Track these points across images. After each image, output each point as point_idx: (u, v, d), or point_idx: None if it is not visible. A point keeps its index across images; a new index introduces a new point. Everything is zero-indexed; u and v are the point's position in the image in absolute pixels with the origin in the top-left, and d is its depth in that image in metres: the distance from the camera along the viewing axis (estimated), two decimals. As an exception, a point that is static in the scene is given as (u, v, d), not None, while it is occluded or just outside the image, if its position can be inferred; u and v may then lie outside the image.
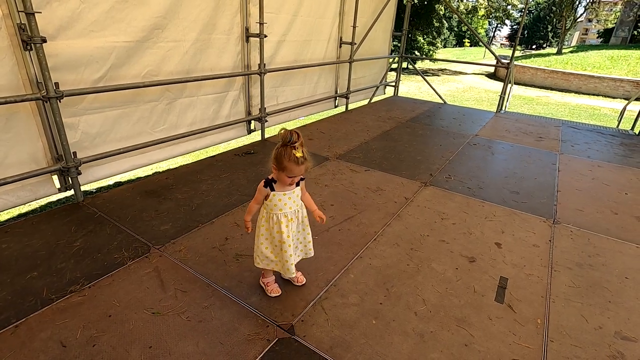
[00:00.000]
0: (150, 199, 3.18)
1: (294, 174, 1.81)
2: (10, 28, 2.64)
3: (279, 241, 1.96)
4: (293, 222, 1.98)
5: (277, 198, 1.91)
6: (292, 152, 1.74)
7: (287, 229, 1.94)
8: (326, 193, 3.43)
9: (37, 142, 2.98)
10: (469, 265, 2.51)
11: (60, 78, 2.94)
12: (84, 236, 2.62)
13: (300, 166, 1.78)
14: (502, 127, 6.18)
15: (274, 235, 1.96)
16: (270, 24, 4.81)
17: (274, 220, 1.93)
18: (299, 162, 1.76)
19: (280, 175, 1.84)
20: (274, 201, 1.91)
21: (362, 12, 6.63)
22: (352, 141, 4.96)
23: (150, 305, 2.03)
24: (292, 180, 1.85)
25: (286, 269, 2.02)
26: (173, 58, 3.84)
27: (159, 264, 2.37)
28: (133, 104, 3.62)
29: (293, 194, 1.94)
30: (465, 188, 3.69)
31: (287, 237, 1.95)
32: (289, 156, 1.76)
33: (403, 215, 3.11)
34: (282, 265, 2.03)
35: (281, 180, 1.86)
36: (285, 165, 1.78)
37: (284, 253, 1.98)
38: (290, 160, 1.76)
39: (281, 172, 1.82)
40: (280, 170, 1.81)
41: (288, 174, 1.81)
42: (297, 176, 1.83)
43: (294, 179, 1.85)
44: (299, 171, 1.80)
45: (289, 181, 1.84)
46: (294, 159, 1.75)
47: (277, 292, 2.12)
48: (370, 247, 2.64)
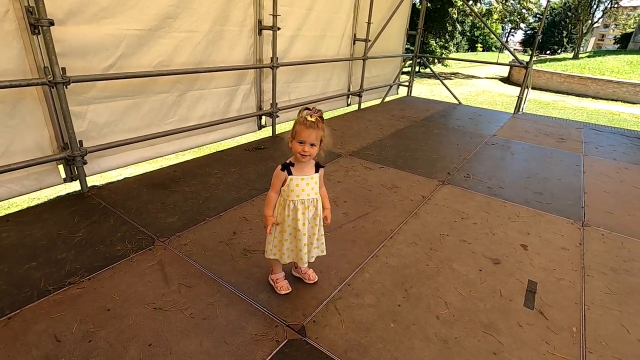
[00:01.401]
0: (157, 192, 3.07)
1: (302, 138, 1.66)
2: (19, 11, 2.57)
3: (294, 229, 1.83)
4: (309, 211, 1.84)
5: (295, 183, 1.77)
6: (303, 114, 1.66)
7: (303, 217, 1.81)
8: (339, 189, 3.28)
9: (43, 129, 2.90)
10: (494, 267, 2.33)
11: (68, 65, 2.86)
12: (87, 227, 2.51)
13: (308, 130, 1.65)
14: (521, 127, 5.96)
15: (289, 224, 1.82)
16: (284, 17, 4.70)
17: (290, 208, 1.80)
18: (307, 125, 1.65)
19: (293, 144, 1.71)
20: (291, 186, 1.77)
21: (377, 10, 6.49)
22: (365, 139, 4.81)
23: (152, 299, 1.90)
24: (304, 150, 1.68)
25: (299, 258, 1.89)
26: (185, 49, 3.74)
27: (163, 257, 2.24)
28: (143, 95, 3.53)
29: (312, 180, 1.81)
30: (485, 187, 3.51)
31: (303, 225, 1.81)
32: (300, 118, 1.67)
33: (420, 213, 2.95)
34: (296, 254, 1.89)
35: (295, 153, 1.72)
36: (295, 129, 1.68)
37: (298, 242, 1.85)
38: (300, 123, 1.66)
39: (293, 142, 1.71)
40: (292, 136, 1.71)
41: (297, 138, 1.69)
42: (306, 143, 1.68)
43: (305, 148, 1.68)
44: (307, 135, 1.66)
45: (299, 149, 1.69)
46: (302, 121, 1.65)
47: (286, 289, 1.98)
48: (387, 246, 2.48)
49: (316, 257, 1.99)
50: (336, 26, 5.79)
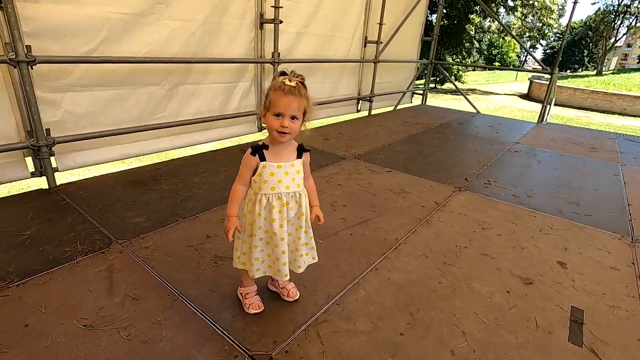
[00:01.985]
0: (132, 189, 2.71)
1: (280, 109, 1.28)
2: (-17, -17, 2.31)
3: (268, 232, 1.41)
4: (290, 210, 1.42)
5: (269, 171, 1.36)
6: (281, 79, 1.27)
7: (280, 217, 1.39)
8: (338, 193, 2.85)
9: (8, 117, 2.60)
10: (525, 288, 1.84)
11: (41, 47, 2.59)
12: (39, 225, 2.16)
13: (288, 97, 1.26)
14: (547, 136, 5.43)
15: (260, 225, 1.40)
16: (289, 13, 4.41)
17: (262, 204, 1.38)
18: (285, 91, 1.26)
19: (267, 117, 1.32)
20: (264, 175, 1.36)
21: (390, 12, 6.17)
22: (373, 143, 4.39)
23: (86, 314, 1.50)
24: (282, 125, 1.29)
25: (276, 270, 1.46)
26: (178, 39, 3.46)
27: (116, 262, 1.85)
28: (129, 86, 3.23)
29: (292, 168, 1.40)
30: (510, 195, 3.02)
31: (280, 226, 1.40)
32: (276, 83, 1.28)
33: (433, 221, 2.49)
34: (272, 266, 1.47)
35: (270, 130, 1.32)
36: (270, 97, 1.29)
37: (274, 248, 1.42)
38: (276, 89, 1.27)
39: (267, 114, 1.31)
40: (265, 108, 1.32)
41: (272, 110, 1.29)
42: (285, 115, 1.28)
43: (284, 122, 1.28)
44: (287, 104, 1.27)
45: (276, 124, 1.29)
46: (279, 86, 1.27)
47: (256, 308, 1.55)
48: (390, 258, 2.03)
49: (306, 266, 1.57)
50: (346, 26, 5.48)
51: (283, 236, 1.41)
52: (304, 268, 1.54)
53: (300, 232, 1.48)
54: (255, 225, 1.40)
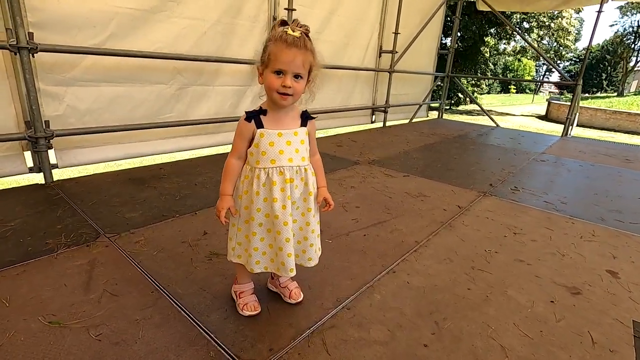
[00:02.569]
0: (131, 186, 2.55)
1: (281, 65, 1.07)
2: (-10, -31, 2.27)
3: (268, 215, 1.19)
4: (295, 188, 1.19)
5: (267, 140, 1.15)
6: (282, 28, 1.07)
7: (283, 195, 1.17)
8: (351, 194, 2.62)
9: (8, 107, 2.50)
10: (572, 298, 1.55)
11: (46, 38, 2.52)
12: (26, 217, 1.99)
13: (290, 49, 1.06)
14: (574, 148, 5.11)
15: (259, 207, 1.18)
16: (302, 17, 4.27)
17: (261, 180, 1.16)
18: (288, 42, 1.05)
19: (266, 74, 1.11)
20: (262, 146, 1.15)
21: (406, 23, 6.08)
22: (389, 150, 4.17)
23: (55, 310, 1.29)
24: (284, 84, 1.08)
25: (280, 264, 1.22)
26: (188, 38, 3.38)
27: (100, 255, 1.65)
28: (137, 83, 3.13)
29: (295, 137, 1.18)
30: (542, 202, 2.73)
31: (283, 207, 1.17)
32: (276, 33, 1.07)
33: (456, 225, 2.22)
34: (275, 258, 1.23)
35: (270, 91, 1.11)
36: (269, 50, 1.08)
37: (277, 236, 1.19)
38: (277, 40, 1.07)
39: (266, 70, 1.11)
40: (264, 63, 1.11)
41: (272, 66, 1.08)
42: (288, 73, 1.08)
43: (286, 80, 1.07)
44: (289, 58, 1.06)
45: (276, 83, 1.08)
46: (280, 36, 1.06)
47: (252, 310, 1.30)
48: (409, 260, 1.77)
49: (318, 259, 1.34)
50: (361, 35, 5.39)
51: (286, 220, 1.18)
52: (316, 261, 1.31)
53: (308, 216, 1.25)
54: (253, 208, 1.18)
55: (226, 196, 1.21)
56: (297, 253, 1.28)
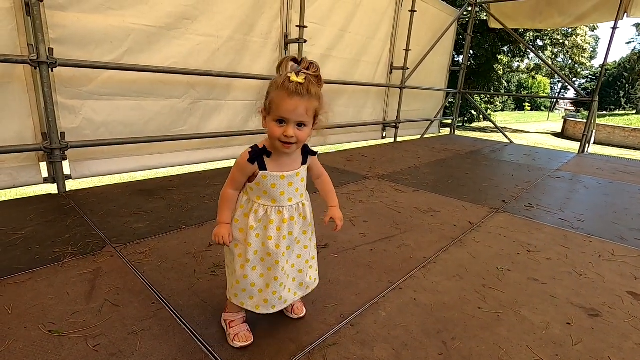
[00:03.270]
0: (140, 197, 2.57)
1: (284, 114, 1.02)
2: (16, -11, 2.39)
3: (257, 252, 1.16)
4: (294, 225, 1.17)
5: (270, 182, 1.12)
6: (286, 74, 1.01)
7: (279, 234, 1.15)
8: (360, 209, 2.59)
9: (27, 119, 2.59)
10: (590, 320, 1.46)
11: (66, 53, 2.62)
12: (37, 225, 2.03)
13: (292, 99, 1.00)
14: (591, 165, 4.97)
15: (251, 241, 1.14)
16: (315, 35, 4.42)
17: (257, 215, 1.14)
18: (289, 89, 0.99)
19: (268, 122, 1.07)
20: (263, 185, 1.13)
21: (418, 41, 6.14)
22: (399, 165, 4.14)
23: (56, 318, 1.28)
24: (286, 134, 1.04)
25: (266, 302, 1.19)
26: (202, 54, 3.47)
27: (105, 265, 1.65)
28: (151, 97, 3.21)
29: (297, 177, 1.16)
30: (557, 219, 2.63)
31: (276, 247, 1.14)
32: (279, 79, 1.01)
33: (467, 241, 2.15)
34: (265, 295, 1.19)
35: (272, 139, 1.08)
36: (272, 97, 1.03)
37: (267, 272, 1.17)
38: (279, 87, 1.00)
39: (268, 118, 1.07)
40: (267, 111, 1.07)
41: (274, 116, 1.04)
42: (290, 122, 1.04)
43: (288, 130, 1.03)
44: (292, 107, 1.01)
45: (278, 132, 1.05)
46: (283, 83, 1.00)
47: (244, 341, 1.21)
48: (417, 277, 1.71)
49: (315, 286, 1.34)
50: (372, 51, 5.45)
51: (278, 259, 1.16)
52: (311, 288, 1.32)
53: (307, 250, 1.25)
54: (250, 238, 1.14)
55: (225, 224, 1.16)
56: (295, 291, 1.26)
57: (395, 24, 5.70)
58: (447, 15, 6.88)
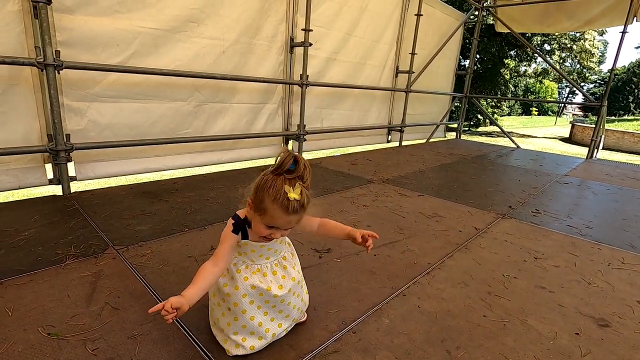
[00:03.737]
0: (143, 200, 2.57)
1: (276, 224, 1.04)
2: (24, -8, 2.41)
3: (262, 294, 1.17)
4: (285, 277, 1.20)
5: (250, 249, 1.15)
6: (283, 187, 0.99)
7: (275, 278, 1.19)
8: (363, 213, 2.57)
9: (33, 121, 2.61)
10: (600, 331, 1.42)
11: (72, 55, 2.64)
12: (40, 227, 2.03)
13: (289, 216, 1.01)
14: (599, 170, 4.90)
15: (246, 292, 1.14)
16: (320, 38, 4.42)
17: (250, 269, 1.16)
18: (288, 209, 1.00)
19: (255, 218, 1.07)
20: (245, 251, 1.16)
21: (424, 44, 6.13)
22: (404, 169, 4.11)
23: (55, 321, 1.28)
24: (272, 235, 1.07)
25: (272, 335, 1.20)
26: (207, 57, 3.48)
27: (106, 267, 1.65)
28: (156, 100, 3.22)
29: (280, 244, 1.21)
30: (565, 226, 2.59)
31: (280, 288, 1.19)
32: (277, 193, 0.99)
33: (473, 247, 2.12)
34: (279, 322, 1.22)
35: (254, 225, 1.09)
36: (266, 206, 1.01)
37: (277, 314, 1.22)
38: (276, 201, 0.99)
39: (256, 215, 1.06)
40: (257, 211, 1.04)
41: (266, 222, 1.05)
42: (279, 230, 1.07)
43: (275, 234, 1.07)
44: (285, 223, 1.04)
45: (264, 233, 1.07)
46: (282, 201, 0.99)
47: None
48: (421, 283, 1.68)
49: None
50: (377, 55, 5.44)
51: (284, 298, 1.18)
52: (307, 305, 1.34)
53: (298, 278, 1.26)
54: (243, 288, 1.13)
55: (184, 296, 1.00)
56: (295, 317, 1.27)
57: (401, 27, 5.69)
58: (454, 20, 6.86)
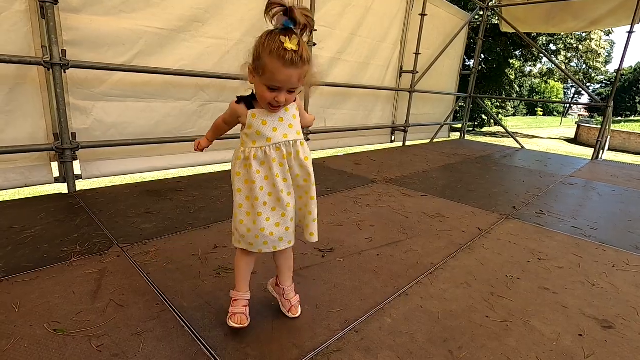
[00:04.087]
0: (147, 198, 2.59)
1: (277, 82, 1.04)
2: (31, -7, 2.44)
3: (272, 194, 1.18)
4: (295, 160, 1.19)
5: (260, 120, 1.14)
6: (278, 38, 1.00)
7: (282, 170, 1.18)
8: (366, 213, 2.57)
9: (39, 120, 2.64)
10: (604, 333, 1.42)
11: (78, 55, 2.66)
12: (46, 224, 2.05)
13: (288, 69, 1.01)
14: (605, 172, 4.86)
15: (262, 185, 1.17)
16: (324, 38, 4.42)
17: (259, 159, 1.15)
18: (285, 59, 0.99)
19: (257, 84, 1.10)
20: (255, 125, 1.14)
21: (428, 44, 6.11)
22: (407, 169, 4.10)
23: (61, 317, 1.29)
24: (277, 99, 1.08)
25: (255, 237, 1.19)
26: (212, 56, 3.50)
27: (111, 265, 1.66)
28: (161, 99, 3.24)
29: (286, 112, 1.17)
30: (569, 227, 2.57)
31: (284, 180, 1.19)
32: (272, 44, 1.00)
33: (476, 247, 2.11)
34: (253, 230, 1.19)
35: (262, 100, 1.12)
36: (264, 62, 1.03)
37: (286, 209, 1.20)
38: (272, 53, 1.00)
39: (257, 79, 1.08)
40: (257, 72, 1.07)
41: (267, 82, 1.06)
42: (283, 89, 1.06)
43: (279, 96, 1.07)
44: (286, 79, 1.03)
45: (269, 97, 1.08)
46: (278, 51, 0.99)
47: (238, 323, 1.22)
48: (424, 283, 1.68)
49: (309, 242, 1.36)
50: (381, 55, 5.43)
51: (290, 191, 1.21)
52: (317, 237, 1.30)
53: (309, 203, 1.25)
54: (256, 186, 1.16)
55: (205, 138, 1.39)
56: (302, 227, 1.29)
57: (406, 27, 5.68)
58: (459, 19, 6.84)
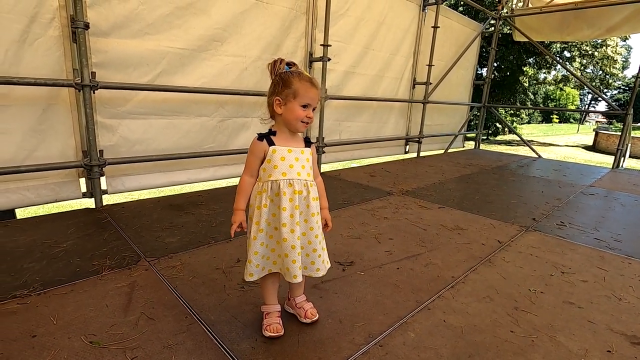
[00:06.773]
0: (170, 212, 2.67)
1: (309, 101, 1.26)
2: (64, 19, 2.58)
3: (276, 225, 1.28)
4: (302, 200, 1.28)
5: (279, 155, 1.27)
6: (299, 71, 1.28)
7: (291, 205, 1.26)
8: (384, 225, 2.58)
9: (69, 138, 2.76)
10: (634, 349, 1.39)
11: (106, 76, 2.79)
12: (76, 239, 2.14)
13: (316, 89, 1.27)
14: (626, 181, 4.76)
15: (267, 219, 1.28)
16: (338, 53, 4.51)
17: (272, 191, 1.27)
18: (312, 83, 1.27)
19: (288, 111, 1.26)
20: (274, 160, 1.27)
21: (441, 55, 6.14)
22: (423, 180, 4.10)
23: (96, 330, 1.35)
24: (309, 116, 1.27)
25: (285, 269, 1.30)
26: (231, 73, 3.61)
27: (140, 279, 1.72)
28: (182, 116, 3.36)
29: (302, 154, 1.31)
30: (592, 239, 2.53)
31: (291, 216, 1.26)
32: (299, 74, 1.26)
33: (497, 261, 2.10)
34: (281, 263, 1.31)
35: (294, 120, 1.26)
36: (295, 86, 1.24)
37: (283, 242, 1.27)
38: (302, 79, 1.25)
39: (288, 105, 1.26)
40: (288, 97, 1.25)
41: (301, 101, 1.25)
42: (311, 106, 1.27)
43: (309, 113, 1.27)
44: (314, 96, 1.27)
45: (302, 114, 1.25)
46: (306, 78, 1.27)
47: (273, 332, 1.34)
48: (445, 297, 1.69)
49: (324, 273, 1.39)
50: (395, 67, 5.49)
51: (293, 228, 1.27)
52: (323, 271, 1.38)
53: (315, 236, 1.33)
54: (262, 219, 1.28)
55: (239, 211, 1.33)
56: (306, 265, 1.36)
57: (418, 40, 5.74)
58: (471, 30, 6.87)
